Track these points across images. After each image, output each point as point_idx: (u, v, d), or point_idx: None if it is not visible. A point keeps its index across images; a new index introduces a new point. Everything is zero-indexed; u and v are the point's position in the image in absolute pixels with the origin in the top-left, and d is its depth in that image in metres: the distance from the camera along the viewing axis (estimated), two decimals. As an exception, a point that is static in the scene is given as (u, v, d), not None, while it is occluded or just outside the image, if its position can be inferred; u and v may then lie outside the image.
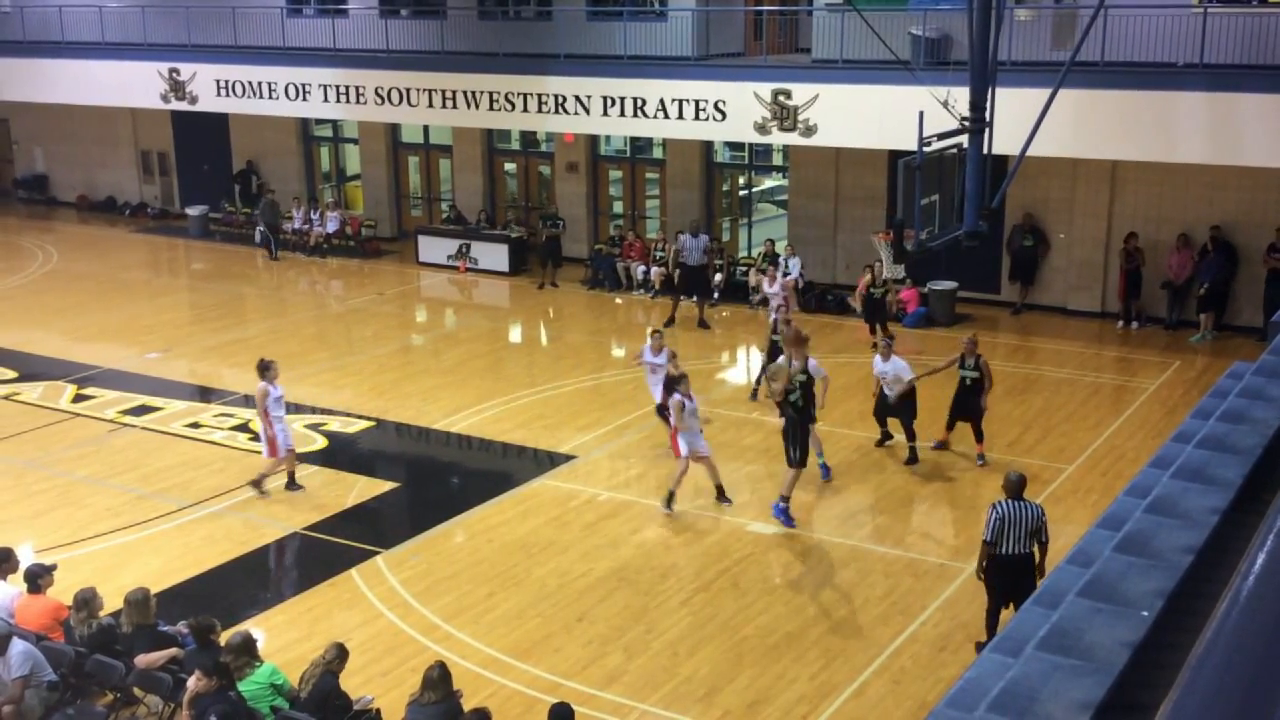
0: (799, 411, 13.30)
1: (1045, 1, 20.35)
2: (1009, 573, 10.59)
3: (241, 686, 9.14)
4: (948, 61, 19.02)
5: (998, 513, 10.57)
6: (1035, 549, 10.69)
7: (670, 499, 14.01)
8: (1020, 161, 14.65)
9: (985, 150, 14.34)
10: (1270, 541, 3.30)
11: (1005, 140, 14.68)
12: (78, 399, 18.23)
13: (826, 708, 10.32)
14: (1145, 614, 5.57)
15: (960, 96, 14.32)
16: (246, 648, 9.47)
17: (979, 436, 15.36)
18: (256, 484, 14.65)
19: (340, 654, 9.40)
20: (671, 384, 14.30)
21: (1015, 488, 10.73)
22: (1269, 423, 7.43)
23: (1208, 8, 17.89)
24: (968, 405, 15.26)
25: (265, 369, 14.52)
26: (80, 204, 33.79)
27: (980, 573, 10.91)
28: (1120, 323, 21.09)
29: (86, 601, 10.20)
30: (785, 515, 13.57)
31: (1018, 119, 14.64)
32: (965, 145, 14.47)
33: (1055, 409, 17.24)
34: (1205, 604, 5.70)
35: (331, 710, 9.20)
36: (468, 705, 9.19)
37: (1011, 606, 10.38)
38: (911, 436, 15.29)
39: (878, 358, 15.59)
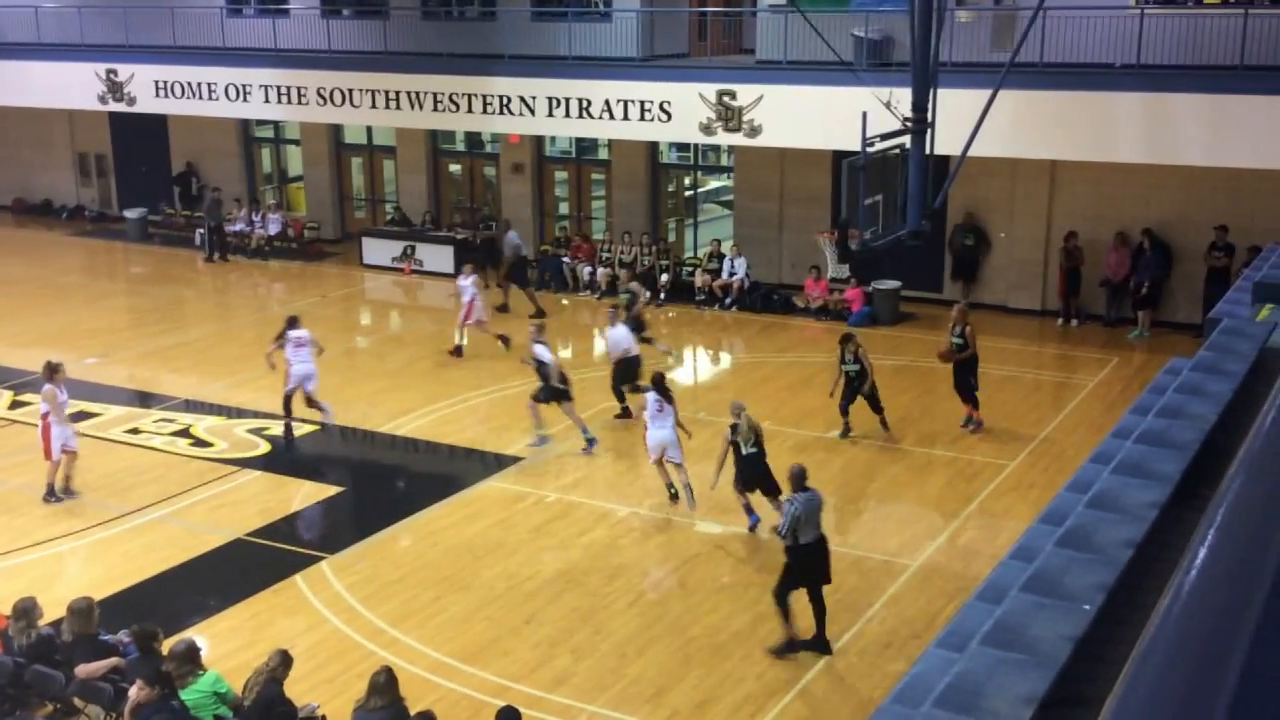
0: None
1: (985, 3, 20.56)
2: (813, 559, 11.06)
3: (184, 695, 9.00)
4: (890, 63, 19.15)
5: (794, 508, 10.84)
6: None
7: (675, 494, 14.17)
8: (961, 161, 14.79)
9: (927, 150, 14.46)
10: (1211, 535, 3.34)
11: (947, 140, 14.80)
12: (14, 405, 17.91)
13: (773, 706, 10.35)
14: (1087, 608, 5.63)
15: (903, 97, 14.43)
16: (189, 656, 9.32)
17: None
18: (50, 494, 14.42)
19: (284, 661, 9.27)
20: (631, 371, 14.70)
21: (800, 479, 11.08)
22: (1206, 418, 7.54)
23: (1144, 9, 18.16)
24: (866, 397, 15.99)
25: (54, 371, 14.43)
26: (16, 207, 33.16)
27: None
28: (1060, 320, 21.35)
29: (26, 611, 10.01)
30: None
31: (959, 119, 14.77)
32: (908, 145, 14.58)
33: (997, 405, 17.40)
34: (1147, 598, 5.77)
35: (275, 718, 9.08)
36: (414, 710, 9.11)
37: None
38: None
39: None
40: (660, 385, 14.24)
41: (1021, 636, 5.43)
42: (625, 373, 17.00)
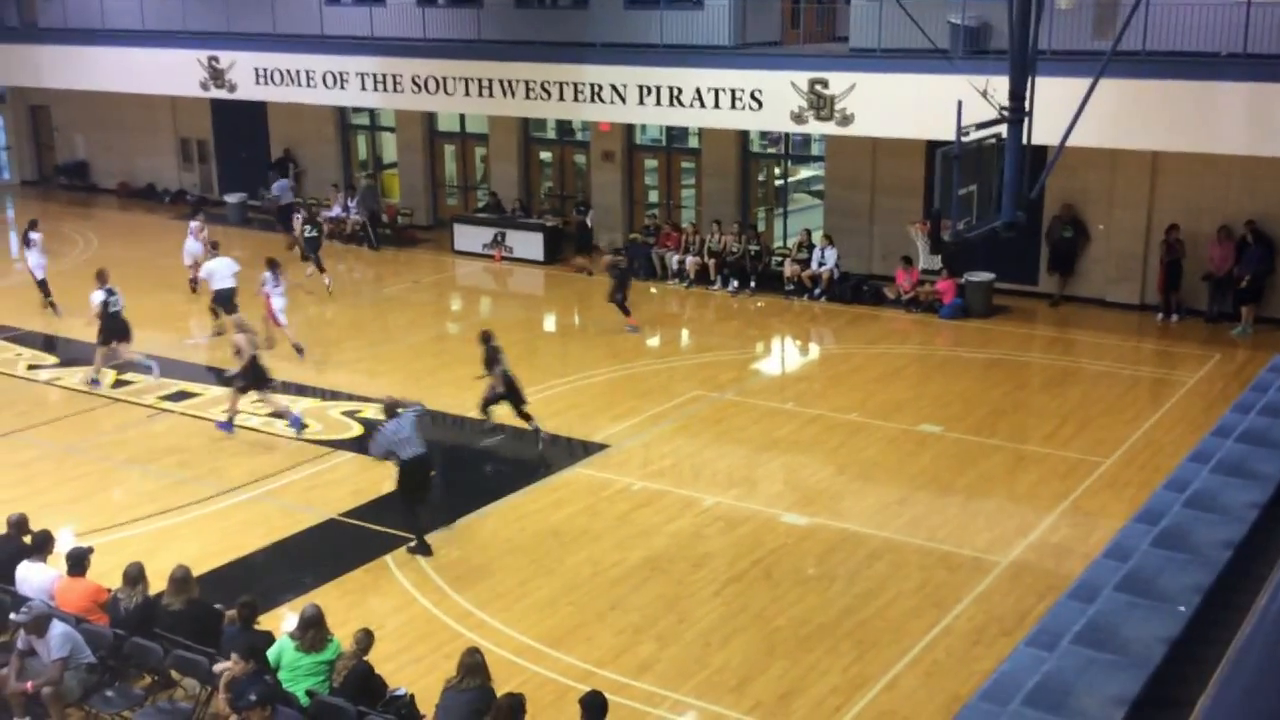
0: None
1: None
2: (417, 473, 12.89)
3: (319, 658, 9.35)
4: (987, 50, 18.87)
5: (384, 434, 12.78)
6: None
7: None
8: (1060, 152, 14.52)
9: (1024, 140, 14.23)
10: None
11: (1045, 130, 14.55)
12: (117, 384, 18.41)
13: (859, 700, 10.30)
14: (1182, 609, 5.53)
15: (999, 86, 14.20)
16: (321, 620, 9.58)
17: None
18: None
19: (368, 639, 9.50)
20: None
21: (390, 409, 13.05)
22: (1311, 417, 7.34)
23: (1252, -3, 17.66)
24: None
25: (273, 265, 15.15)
26: (121, 191, 34.09)
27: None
28: (1160, 315, 20.87)
29: (136, 577, 10.34)
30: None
31: (1057, 109, 14.50)
32: (1004, 135, 14.36)
33: (1093, 402, 17.10)
34: (1244, 599, 5.65)
35: (368, 695, 9.27)
36: (500, 691, 9.23)
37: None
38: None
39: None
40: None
41: (1114, 637, 5.35)
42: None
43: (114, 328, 18.21)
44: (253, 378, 16.23)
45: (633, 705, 10.19)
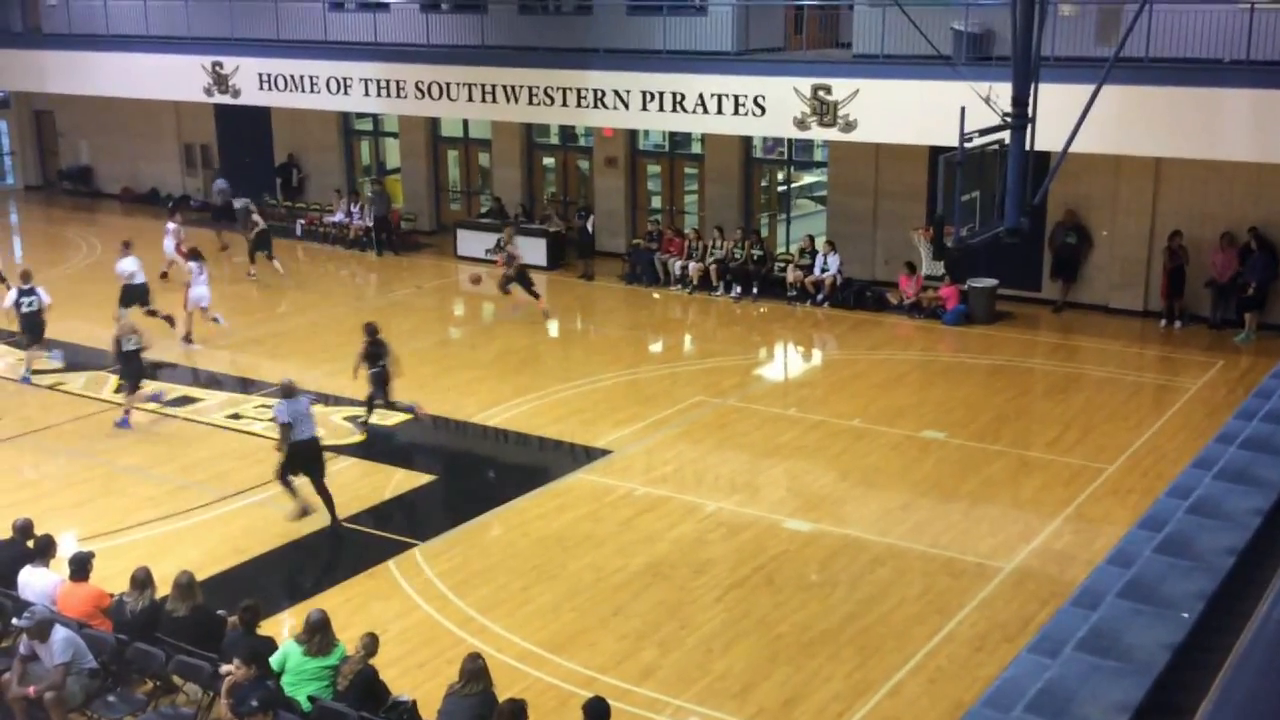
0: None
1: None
2: (307, 452, 13.54)
3: (324, 662, 9.35)
4: (990, 56, 18.87)
5: (284, 415, 13.30)
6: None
7: None
8: (1063, 158, 14.53)
9: (1027, 146, 14.23)
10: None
11: (1048, 136, 14.54)
12: (118, 390, 18.39)
13: (861, 706, 10.29)
14: (1186, 615, 5.52)
15: (1002, 92, 14.22)
16: (328, 624, 9.58)
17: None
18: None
19: (373, 644, 9.49)
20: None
21: (289, 390, 13.57)
22: (1314, 424, 7.33)
23: (1255, 3, 17.65)
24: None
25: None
26: (124, 196, 34.12)
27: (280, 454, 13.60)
28: (1163, 321, 20.85)
29: (144, 581, 10.35)
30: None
31: (1060, 115, 14.50)
32: (1007, 141, 14.37)
33: (1096, 408, 17.09)
34: (1247, 606, 5.64)
35: (372, 699, 9.27)
36: (501, 697, 9.22)
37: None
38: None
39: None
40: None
41: (1117, 643, 5.34)
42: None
43: (28, 326, 18.68)
44: (129, 370, 16.83)
45: (635, 711, 10.18)
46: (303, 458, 13.57)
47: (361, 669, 9.37)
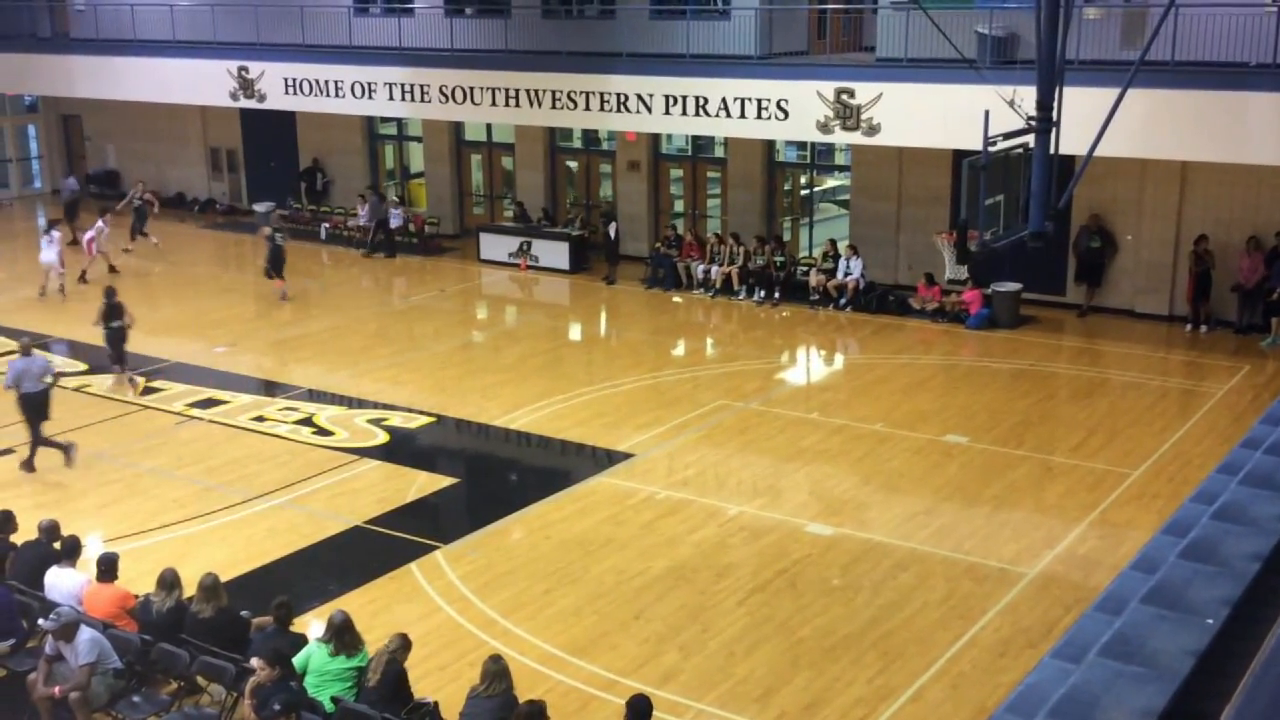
0: None
1: (1115, 0, 20.07)
2: (35, 402, 15.18)
3: (350, 663, 9.41)
4: (1014, 60, 18.81)
5: (14, 366, 15.15)
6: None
7: None
8: (1088, 162, 14.45)
9: (1052, 150, 14.16)
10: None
11: (1072, 140, 14.48)
12: (146, 391, 18.54)
13: (884, 711, 10.26)
14: (1210, 622, 5.49)
15: (1027, 96, 14.14)
16: (351, 625, 9.62)
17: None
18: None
19: (404, 644, 9.51)
20: None
21: (26, 349, 15.54)
22: (1341, 429, 7.27)
23: (1282, 6, 17.56)
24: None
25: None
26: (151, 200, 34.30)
27: None
28: (1188, 326, 20.73)
29: (172, 582, 10.44)
30: None
31: (1085, 119, 14.43)
32: (1031, 145, 14.30)
33: (1121, 413, 17.00)
34: (1272, 612, 5.61)
35: (397, 700, 9.29)
36: (522, 699, 9.24)
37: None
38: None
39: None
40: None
41: (1141, 649, 5.31)
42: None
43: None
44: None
45: (657, 715, 10.14)
46: (34, 405, 15.34)
47: (391, 660, 9.36)
